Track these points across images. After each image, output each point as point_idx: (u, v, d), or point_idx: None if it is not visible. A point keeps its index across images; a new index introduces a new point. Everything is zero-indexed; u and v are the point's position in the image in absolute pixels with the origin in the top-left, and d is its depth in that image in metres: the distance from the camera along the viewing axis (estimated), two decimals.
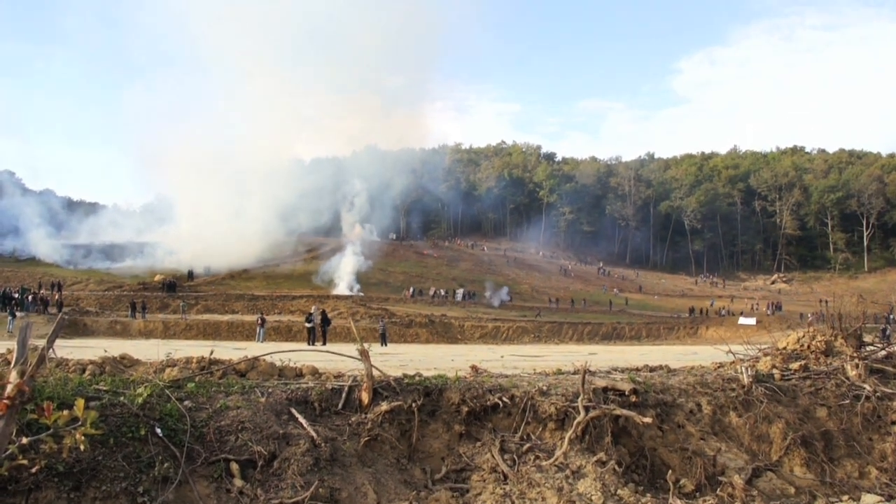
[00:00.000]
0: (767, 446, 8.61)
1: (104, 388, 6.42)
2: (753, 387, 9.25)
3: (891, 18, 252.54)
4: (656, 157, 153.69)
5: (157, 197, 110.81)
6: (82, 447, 4.49)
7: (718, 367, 10.99)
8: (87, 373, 7.75)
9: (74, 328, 48.60)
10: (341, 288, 74.24)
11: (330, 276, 76.95)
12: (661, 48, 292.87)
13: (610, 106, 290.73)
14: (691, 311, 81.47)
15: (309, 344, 34.56)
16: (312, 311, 38.65)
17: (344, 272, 77.42)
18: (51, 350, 7.39)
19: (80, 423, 4.60)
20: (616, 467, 7.12)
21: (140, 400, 6.16)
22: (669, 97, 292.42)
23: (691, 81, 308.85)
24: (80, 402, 4.52)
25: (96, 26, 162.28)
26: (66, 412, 4.52)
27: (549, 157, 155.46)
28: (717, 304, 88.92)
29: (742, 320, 72.81)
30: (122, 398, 6.18)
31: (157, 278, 68.49)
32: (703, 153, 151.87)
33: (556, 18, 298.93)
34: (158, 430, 5.95)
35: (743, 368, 9.71)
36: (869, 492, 8.13)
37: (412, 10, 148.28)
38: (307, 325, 37.91)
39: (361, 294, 72.06)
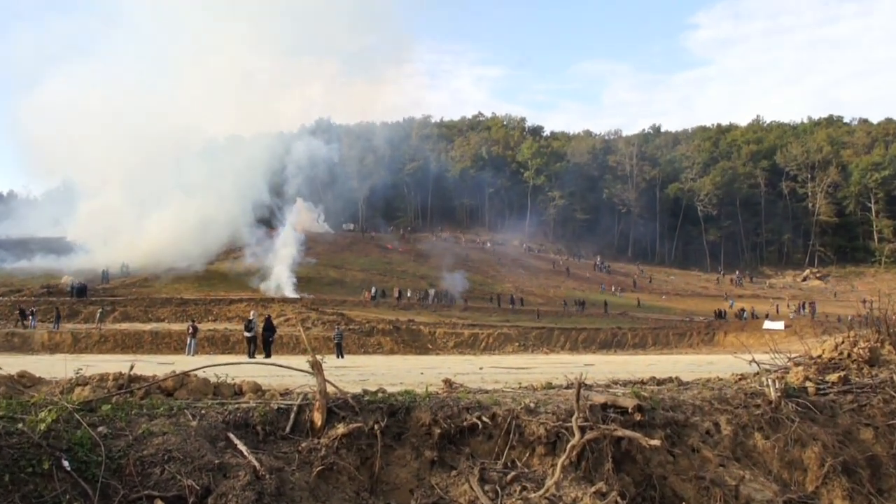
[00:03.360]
0: (801, 474, 8.64)
1: None
2: (782, 403, 9.26)
3: None
4: (663, 130, 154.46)
5: (64, 183, 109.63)
6: None
7: (740, 379, 11.03)
8: None
9: None
10: (274, 286, 73.71)
11: (266, 273, 76.30)
12: None
13: (612, 69, 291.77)
14: (718, 314, 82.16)
15: (250, 356, 34.37)
16: (252, 318, 38.36)
17: (283, 269, 76.85)
18: None
19: None
20: (618, 499, 7.13)
21: (43, 426, 6.06)
22: (683, 58, 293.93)
23: (710, 39, 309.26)
24: None
25: None
26: None
27: (536, 131, 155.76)
28: (737, 305, 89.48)
29: (767, 324, 73.41)
30: (20, 425, 6.06)
31: (64, 280, 67.80)
32: (719, 125, 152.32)
33: None
34: (66, 463, 5.86)
35: (769, 381, 9.71)
36: None
37: None
38: (247, 333, 37.67)
39: (307, 296, 71.61)
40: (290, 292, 72.52)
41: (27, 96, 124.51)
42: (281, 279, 74.95)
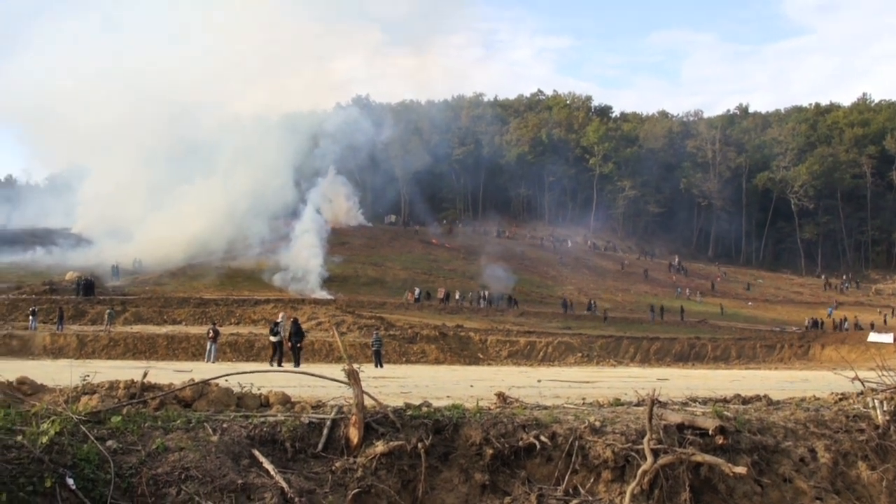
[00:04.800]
0: None
1: None
2: (892, 427, 9.11)
3: None
4: (751, 111, 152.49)
5: (69, 167, 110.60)
6: None
7: (840, 399, 10.89)
8: None
9: None
10: (291, 278, 73.64)
11: (293, 270, 76.10)
12: None
13: (693, 39, 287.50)
14: (815, 324, 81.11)
15: (276, 364, 34.65)
16: (279, 321, 38.63)
17: (313, 266, 76.72)
18: None
19: None
20: None
21: (45, 440, 6.10)
22: (777, 26, 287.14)
23: (809, 2, 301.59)
24: None
25: None
26: None
27: (604, 111, 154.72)
28: (836, 314, 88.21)
29: (873, 336, 72.24)
30: (19, 438, 6.11)
31: (69, 276, 68.46)
32: (817, 105, 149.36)
33: None
34: (70, 481, 5.89)
35: (876, 402, 9.56)
36: None
37: None
38: (272, 338, 37.97)
39: (342, 296, 71.62)
40: (317, 289, 72.64)
41: (18, 61, 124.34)
42: (307, 270, 74.87)
